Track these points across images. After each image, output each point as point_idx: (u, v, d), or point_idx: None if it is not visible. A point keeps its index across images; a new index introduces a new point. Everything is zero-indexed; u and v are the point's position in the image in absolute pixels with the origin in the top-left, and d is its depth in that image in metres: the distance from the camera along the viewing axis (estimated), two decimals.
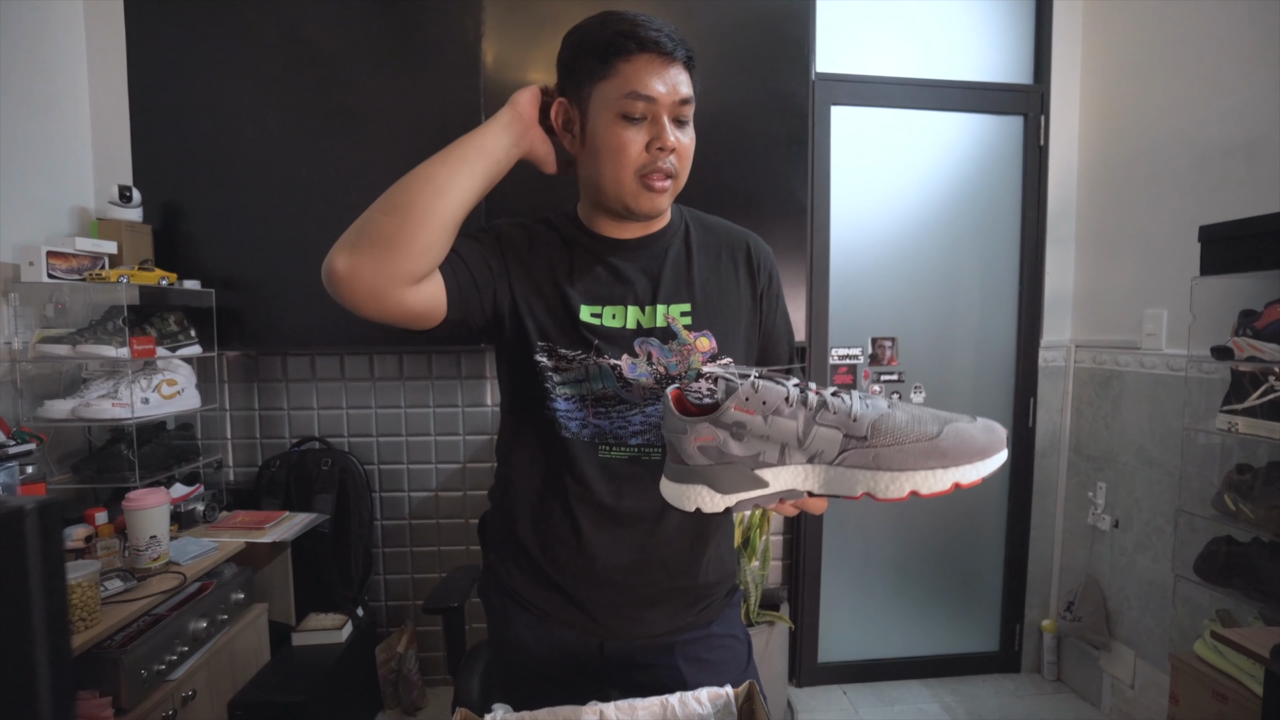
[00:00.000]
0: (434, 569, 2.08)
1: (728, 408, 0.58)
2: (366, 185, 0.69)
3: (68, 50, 1.72)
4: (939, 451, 0.55)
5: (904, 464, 0.55)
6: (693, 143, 0.77)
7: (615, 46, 0.71)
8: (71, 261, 1.52)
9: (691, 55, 0.74)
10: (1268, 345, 1.35)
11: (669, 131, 0.72)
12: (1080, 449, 2.16)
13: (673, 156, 0.74)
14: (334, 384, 2.02)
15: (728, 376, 0.59)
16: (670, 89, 0.72)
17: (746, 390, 0.57)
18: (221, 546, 1.52)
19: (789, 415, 0.57)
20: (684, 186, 0.79)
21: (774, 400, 0.57)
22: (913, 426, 0.56)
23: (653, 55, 0.71)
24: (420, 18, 1.73)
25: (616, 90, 0.72)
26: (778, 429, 0.57)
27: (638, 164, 0.74)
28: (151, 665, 1.26)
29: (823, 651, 2.22)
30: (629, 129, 0.72)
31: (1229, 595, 1.51)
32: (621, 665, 0.84)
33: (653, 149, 0.73)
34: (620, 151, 0.73)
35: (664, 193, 0.76)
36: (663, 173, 0.74)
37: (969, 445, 0.55)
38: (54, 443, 1.57)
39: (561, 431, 0.79)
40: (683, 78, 0.73)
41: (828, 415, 0.57)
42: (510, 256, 0.79)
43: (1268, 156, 1.58)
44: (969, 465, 0.55)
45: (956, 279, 2.19)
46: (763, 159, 1.82)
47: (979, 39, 2.15)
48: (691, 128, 0.77)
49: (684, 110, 0.74)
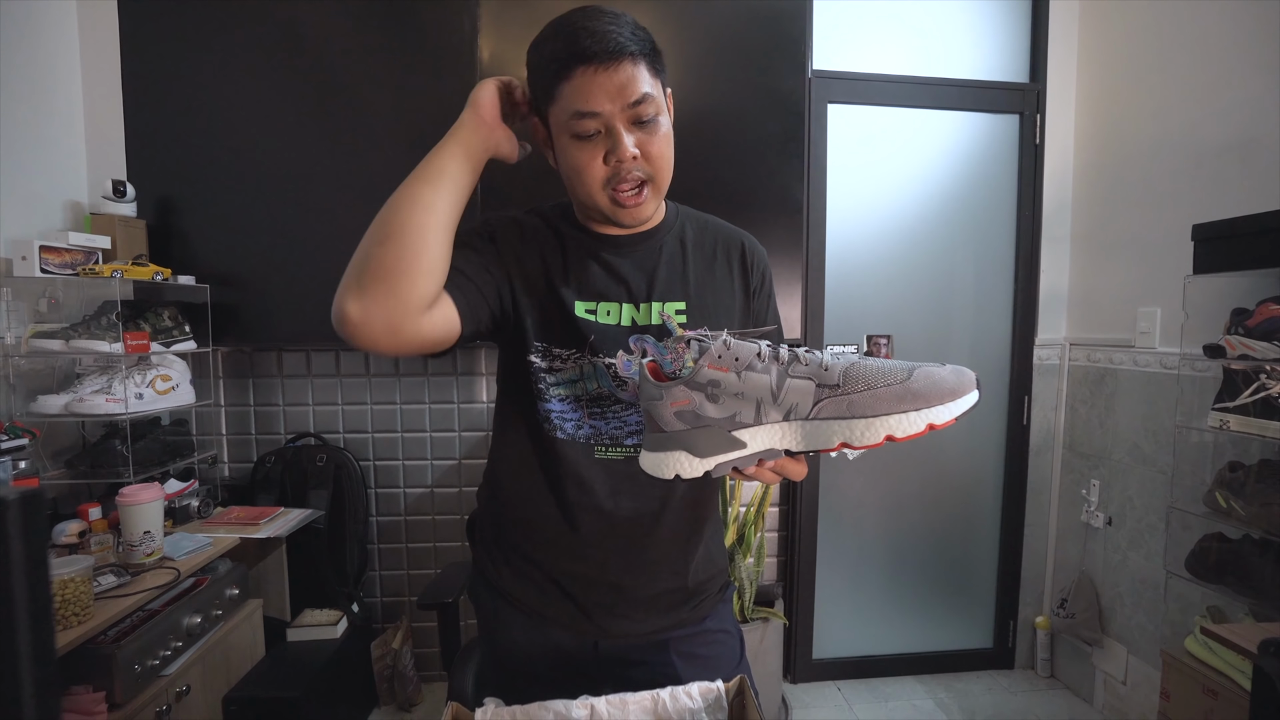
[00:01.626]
0: (429, 565, 2.08)
1: (701, 366, 0.58)
2: (361, 180, 0.69)
3: (61, 44, 1.71)
4: (911, 394, 0.55)
5: (877, 409, 0.55)
6: (666, 137, 0.73)
7: (552, 69, 0.69)
8: (65, 256, 1.52)
9: (643, 44, 0.69)
10: (1259, 344, 1.36)
11: (625, 141, 0.69)
12: (1074, 446, 2.17)
13: (639, 162, 0.71)
14: (329, 380, 2.02)
15: (700, 338, 0.59)
16: (616, 96, 0.68)
17: (719, 348, 0.58)
18: (216, 542, 1.52)
19: (761, 370, 0.58)
20: (681, 184, 0.78)
21: (746, 357, 0.58)
22: (883, 372, 0.56)
23: (588, 67, 0.67)
24: (416, 14, 1.72)
25: (564, 112, 0.69)
26: (751, 385, 0.57)
27: (602, 179, 0.72)
28: (145, 660, 1.26)
29: (817, 648, 2.23)
30: (585, 148, 0.70)
31: (1220, 592, 1.52)
32: (615, 663, 0.84)
33: (612, 162, 0.70)
34: (582, 171, 0.71)
35: (638, 203, 0.73)
36: (630, 182, 0.72)
37: (939, 386, 0.55)
38: (47, 438, 1.57)
39: (556, 433, 0.78)
40: (635, 74, 0.68)
41: (799, 368, 0.57)
42: (507, 256, 0.78)
43: (1261, 156, 1.59)
44: (941, 406, 0.55)
45: (952, 277, 2.20)
46: (759, 156, 1.82)
47: (975, 37, 2.15)
48: (663, 120, 0.72)
49: (641, 110, 0.69)
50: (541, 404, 0.78)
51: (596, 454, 0.79)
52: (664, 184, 0.75)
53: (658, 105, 0.71)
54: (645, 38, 0.70)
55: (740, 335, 0.60)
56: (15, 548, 0.28)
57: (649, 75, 0.70)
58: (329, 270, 1.98)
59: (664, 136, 0.73)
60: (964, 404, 0.56)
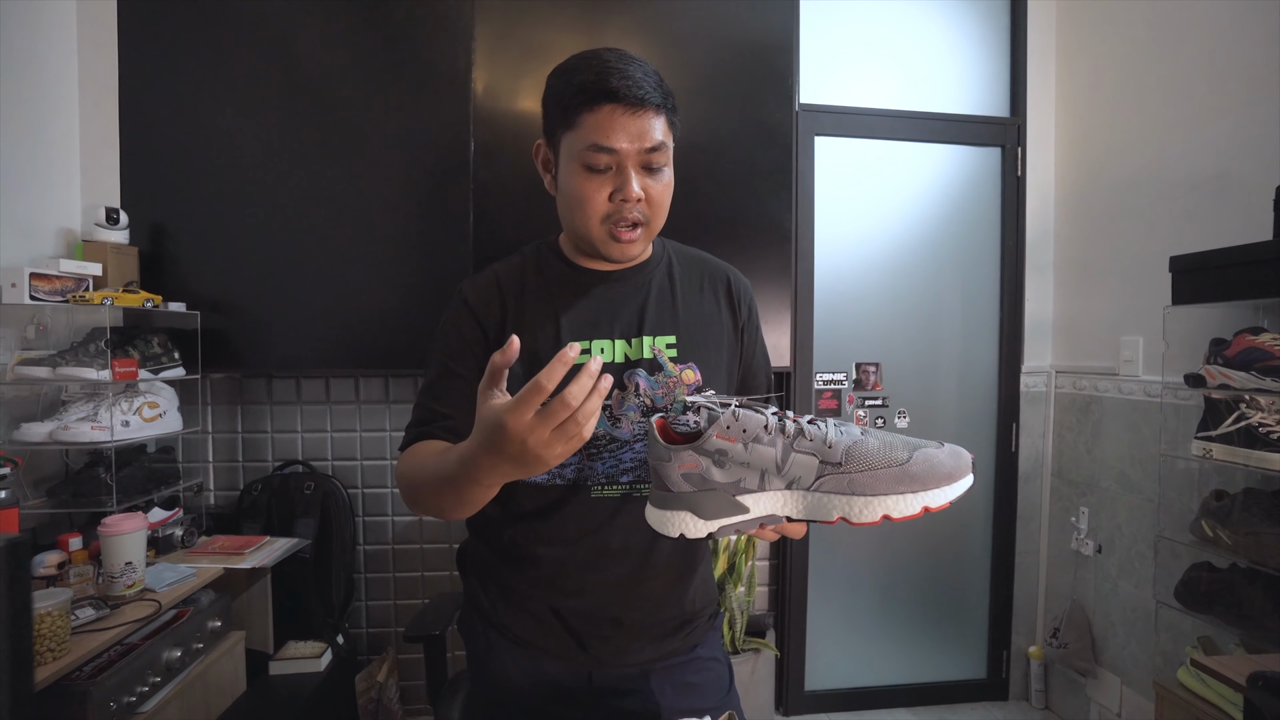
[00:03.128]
0: (417, 595, 2.05)
1: (710, 435, 0.60)
2: (354, 209, 0.70)
3: (59, 72, 1.73)
4: (909, 476, 0.57)
5: (876, 489, 0.57)
6: (668, 186, 0.76)
7: (579, 99, 0.71)
8: (55, 283, 1.52)
9: (666, 98, 0.73)
10: (1237, 373, 1.39)
11: (633, 182, 0.72)
12: (1062, 474, 2.18)
13: (641, 205, 0.74)
14: (318, 407, 2.00)
15: (710, 405, 0.61)
16: (635, 138, 0.71)
17: (728, 419, 0.60)
18: (199, 572, 1.49)
19: (768, 443, 0.59)
20: (672, 214, 0.80)
21: (753, 428, 0.60)
22: (884, 453, 0.58)
23: (616, 106, 0.70)
24: (411, 45, 1.76)
25: (581, 141, 0.72)
26: (757, 456, 0.59)
27: (602, 214, 0.74)
28: (121, 697, 1.23)
29: (809, 679, 2.20)
30: (592, 180, 0.73)
31: (1210, 622, 1.52)
32: (608, 694, 0.84)
33: (616, 199, 0.73)
34: (585, 202, 0.73)
35: (632, 242, 0.76)
36: (629, 221, 0.74)
37: (937, 470, 0.57)
38: (30, 466, 1.54)
39: (556, 480, 0.79)
40: (653, 124, 0.72)
41: (804, 442, 0.59)
42: (491, 330, 0.79)
43: (1234, 190, 1.64)
44: (937, 490, 0.57)
45: (939, 305, 2.23)
46: (748, 188, 1.86)
47: (957, 72, 2.22)
48: (668, 170, 0.76)
49: (653, 157, 0.73)
50: None
51: (593, 493, 0.79)
52: (657, 229, 0.79)
53: (667, 157, 0.75)
54: (668, 93, 0.74)
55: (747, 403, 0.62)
56: None
57: (665, 127, 0.74)
58: (320, 298, 2.00)
59: (667, 185, 0.76)
60: (959, 488, 0.58)
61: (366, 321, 1.75)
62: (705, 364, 0.82)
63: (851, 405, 2.19)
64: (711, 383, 0.82)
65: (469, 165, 1.75)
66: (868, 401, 2.19)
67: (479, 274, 0.84)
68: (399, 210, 1.75)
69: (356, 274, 1.75)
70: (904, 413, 2.21)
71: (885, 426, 2.20)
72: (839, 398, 2.18)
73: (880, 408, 2.20)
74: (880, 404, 2.20)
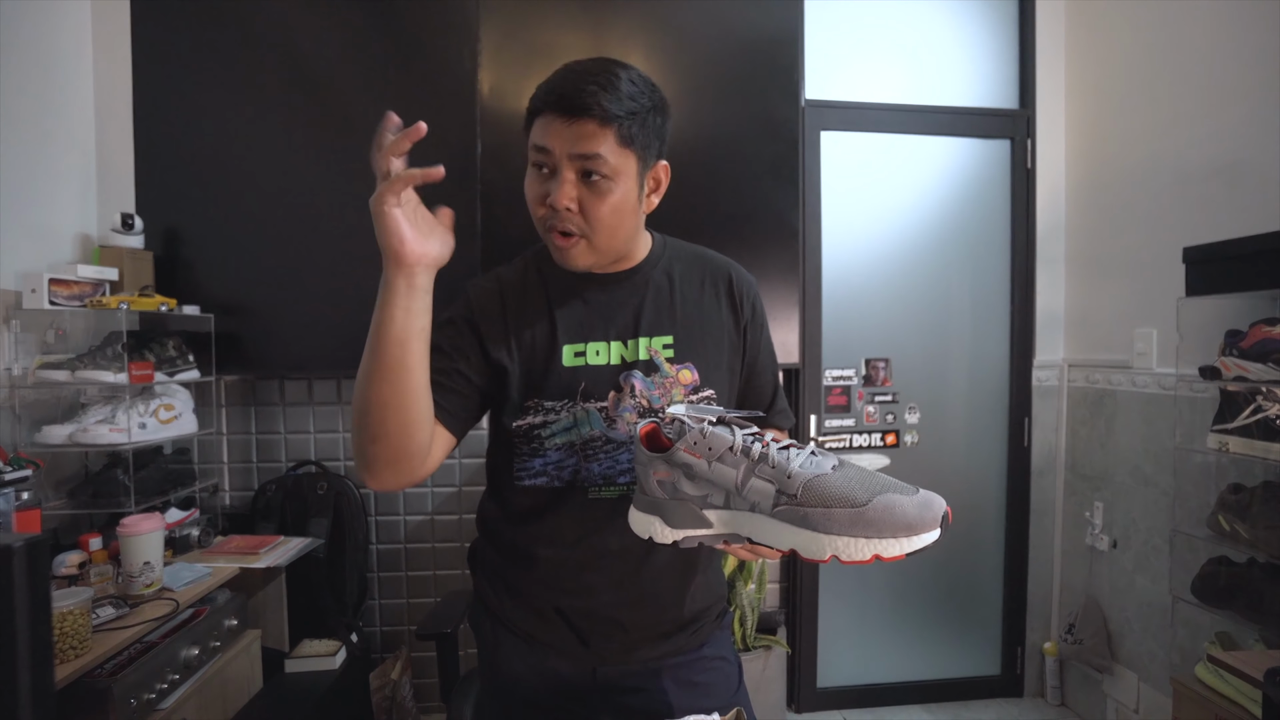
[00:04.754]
0: (429, 594, 2.07)
1: (677, 449, 0.62)
2: (365, 212, 0.71)
3: (74, 80, 1.76)
4: (864, 521, 0.55)
5: (828, 528, 0.56)
6: (613, 205, 0.73)
7: (534, 104, 0.74)
8: (73, 288, 1.54)
9: (630, 115, 0.71)
10: (1254, 365, 1.37)
11: (562, 188, 0.71)
12: (1076, 468, 2.16)
13: (575, 217, 0.73)
14: (331, 408, 2.03)
15: (684, 419, 0.62)
16: (569, 142, 0.70)
17: (695, 435, 0.61)
18: (215, 572, 1.51)
19: (731, 464, 0.60)
20: (677, 211, 0.80)
21: (719, 447, 0.61)
22: (843, 492, 0.56)
23: (554, 113, 0.71)
24: (419, 47, 1.77)
25: (530, 142, 0.75)
26: (719, 475, 0.61)
27: (538, 215, 0.76)
28: (141, 694, 1.25)
29: (821, 676, 2.19)
30: (536, 180, 0.75)
31: (1228, 618, 1.50)
32: (614, 691, 0.84)
33: (545, 203, 0.73)
34: (531, 202, 0.76)
35: (567, 249, 0.75)
36: (558, 230, 0.74)
37: (895, 519, 0.54)
38: (51, 468, 1.57)
39: (554, 483, 0.79)
40: (595, 134, 0.70)
41: (765, 469, 0.59)
42: (486, 330, 0.80)
43: (1247, 179, 1.61)
44: (892, 539, 0.54)
45: (948, 299, 2.21)
46: (754, 183, 1.85)
47: (965, 65, 2.20)
48: (616, 188, 0.72)
49: (588, 164, 0.71)
50: (537, 459, 0.79)
51: (590, 494, 0.80)
52: (603, 245, 0.76)
53: (612, 170, 0.71)
54: (633, 109, 0.71)
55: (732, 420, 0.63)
56: (20, 593, 0.29)
57: (614, 143, 0.71)
58: (333, 301, 2.02)
59: (611, 203, 0.73)
60: (918, 542, 0.55)
61: None
62: (704, 363, 0.81)
63: (861, 401, 2.18)
64: (710, 382, 0.81)
65: (476, 167, 1.76)
66: (877, 397, 2.18)
67: (485, 277, 0.85)
68: None
69: (366, 276, 1.73)
70: (914, 408, 2.20)
71: (895, 422, 2.19)
72: (848, 394, 2.17)
73: (890, 403, 2.19)
74: (890, 399, 2.19)
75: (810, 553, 0.56)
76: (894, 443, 2.19)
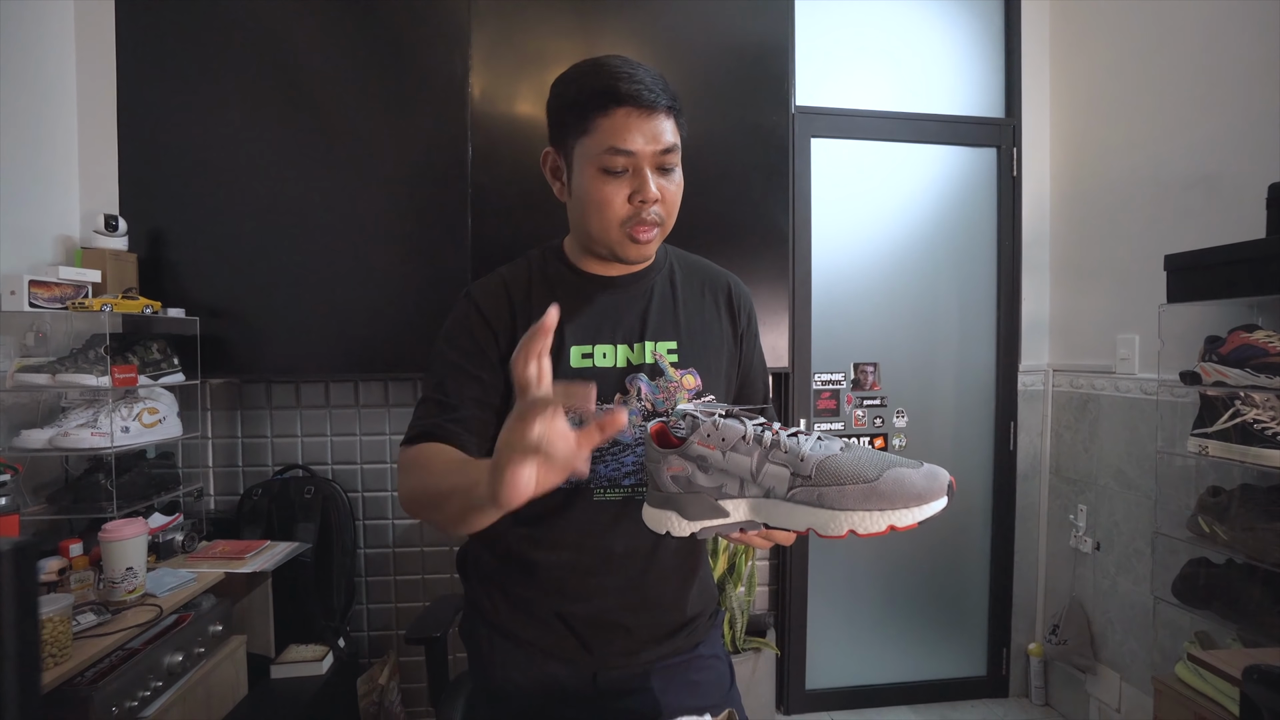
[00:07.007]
0: (418, 598, 2.05)
1: (692, 442, 0.63)
2: (352, 215, 0.70)
3: (58, 80, 1.73)
4: (876, 494, 0.58)
5: (843, 504, 0.59)
6: (679, 187, 0.78)
7: (593, 103, 0.72)
8: (54, 290, 1.52)
9: (675, 101, 0.75)
10: (1232, 370, 1.39)
11: (650, 183, 0.73)
12: (1060, 472, 2.19)
13: (657, 206, 0.75)
14: (318, 411, 2.01)
15: (695, 414, 0.64)
16: (650, 140, 0.72)
17: (708, 427, 0.63)
18: (200, 577, 1.49)
19: (745, 452, 0.62)
20: None
21: (732, 437, 0.63)
22: (854, 469, 0.59)
23: (630, 109, 0.71)
24: (409, 51, 1.77)
25: (597, 146, 0.72)
26: (734, 464, 0.63)
27: (621, 216, 0.75)
28: (123, 702, 1.23)
29: (810, 678, 2.20)
30: (610, 183, 0.73)
31: (1207, 618, 1.52)
32: (611, 694, 0.84)
33: (635, 201, 0.74)
34: (605, 205, 0.74)
35: (650, 242, 0.77)
36: (648, 224, 0.75)
37: (906, 490, 0.58)
38: (30, 473, 1.54)
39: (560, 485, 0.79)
40: (665, 126, 0.74)
41: (779, 454, 0.62)
42: (503, 337, 0.79)
43: (1226, 189, 1.65)
44: (905, 509, 0.58)
45: (936, 305, 2.24)
46: (745, 189, 1.86)
47: (953, 74, 2.23)
48: (678, 171, 0.78)
49: (667, 159, 0.74)
50: None
51: (595, 496, 0.80)
52: (670, 228, 0.80)
53: (678, 158, 0.76)
54: (675, 95, 0.76)
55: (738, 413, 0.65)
56: (6, 599, 0.29)
57: (674, 129, 0.76)
58: (319, 303, 2.01)
59: (679, 186, 0.78)
60: (929, 509, 0.58)
61: (365, 326, 1.76)
62: (705, 370, 0.82)
63: (850, 405, 2.19)
64: (711, 388, 0.83)
65: (466, 170, 1.76)
66: (866, 401, 2.20)
67: (487, 278, 0.84)
68: (397, 215, 1.76)
69: (355, 279, 1.75)
70: (902, 412, 2.22)
71: (884, 426, 2.21)
72: (837, 398, 2.19)
73: (879, 407, 2.21)
74: (878, 404, 2.21)
75: (828, 530, 0.59)
76: (882, 446, 2.21)
